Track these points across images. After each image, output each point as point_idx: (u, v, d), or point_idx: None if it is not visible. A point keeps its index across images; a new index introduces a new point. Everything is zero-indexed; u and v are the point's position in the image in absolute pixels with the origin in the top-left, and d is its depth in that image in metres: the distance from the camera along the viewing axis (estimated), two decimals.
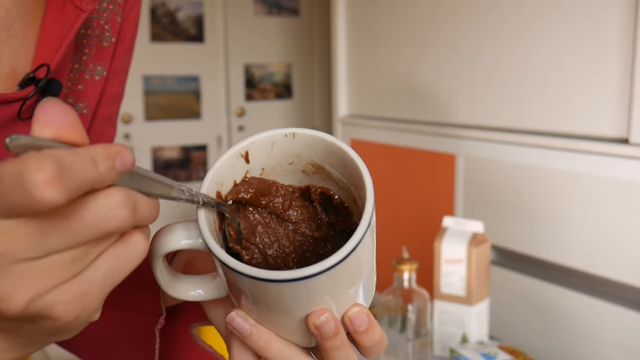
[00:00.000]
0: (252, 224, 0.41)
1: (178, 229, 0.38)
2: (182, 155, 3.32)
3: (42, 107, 0.27)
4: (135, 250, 0.31)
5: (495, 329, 1.36)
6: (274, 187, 0.42)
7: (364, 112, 1.87)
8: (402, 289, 1.10)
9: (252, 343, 0.38)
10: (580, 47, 1.21)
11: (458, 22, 1.49)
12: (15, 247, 0.27)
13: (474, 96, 1.47)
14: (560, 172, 1.25)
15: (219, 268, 0.37)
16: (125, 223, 0.29)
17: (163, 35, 3.21)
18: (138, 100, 3.16)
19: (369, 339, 0.38)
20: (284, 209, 0.42)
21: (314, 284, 0.34)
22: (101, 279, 0.30)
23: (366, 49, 1.83)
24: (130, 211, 0.29)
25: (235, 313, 0.38)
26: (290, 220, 0.42)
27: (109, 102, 0.59)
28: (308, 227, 0.43)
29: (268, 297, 0.35)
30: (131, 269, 0.32)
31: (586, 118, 1.22)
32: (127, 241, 0.31)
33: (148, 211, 0.31)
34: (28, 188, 0.24)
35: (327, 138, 0.39)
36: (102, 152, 0.27)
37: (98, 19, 0.54)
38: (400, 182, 1.69)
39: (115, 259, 0.31)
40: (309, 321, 0.36)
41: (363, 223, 0.35)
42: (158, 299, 0.50)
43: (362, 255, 0.36)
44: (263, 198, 0.41)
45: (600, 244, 1.19)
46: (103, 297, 0.31)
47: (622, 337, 1.16)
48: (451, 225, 1.17)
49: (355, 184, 0.39)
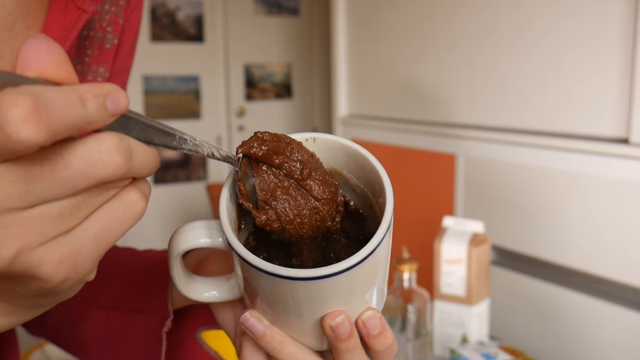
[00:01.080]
0: (269, 185, 0.39)
1: (199, 226, 0.38)
2: (182, 156, 3.32)
3: (27, 43, 0.25)
4: (131, 210, 0.29)
5: (495, 329, 1.36)
6: (288, 148, 0.39)
7: (364, 112, 1.87)
8: (402, 289, 1.10)
9: (265, 344, 0.38)
10: (581, 47, 1.21)
11: (458, 22, 1.49)
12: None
13: (474, 96, 1.47)
14: (560, 172, 1.25)
15: (237, 266, 0.37)
16: (118, 171, 0.27)
17: (163, 35, 3.21)
18: (138, 100, 3.16)
19: (381, 343, 0.38)
20: (303, 177, 0.40)
21: (331, 284, 0.34)
22: (93, 239, 0.28)
23: (366, 49, 1.83)
24: (124, 157, 0.27)
25: (250, 313, 0.38)
26: (312, 193, 0.40)
27: None
28: (328, 211, 0.40)
29: (285, 295, 0.35)
30: (126, 230, 0.29)
31: (586, 118, 1.22)
32: (123, 199, 0.29)
33: (145, 160, 0.28)
34: (2, 126, 0.22)
35: (347, 143, 0.40)
36: (92, 90, 0.25)
37: (100, 21, 0.54)
38: (400, 182, 1.69)
39: (109, 218, 0.28)
40: (325, 322, 0.36)
41: (383, 226, 0.35)
42: (165, 301, 0.50)
43: (379, 259, 0.36)
44: (277, 157, 0.39)
45: (600, 244, 1.19)
46: (96, 259, 0.29)
47: (622, 337, 1.16)
48: (451, 225, 1.17)
49: (373, 189, 0.39)
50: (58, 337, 0.59)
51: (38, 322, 0.59)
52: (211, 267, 0.47)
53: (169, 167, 3.31)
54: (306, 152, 0.40)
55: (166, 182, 3.31)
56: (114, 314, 0.53)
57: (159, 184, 3.29)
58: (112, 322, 0.53)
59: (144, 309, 0.52)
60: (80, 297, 0.56)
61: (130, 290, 0.54)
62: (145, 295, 0.52)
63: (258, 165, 0.39)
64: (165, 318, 0.50)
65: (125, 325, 0.53)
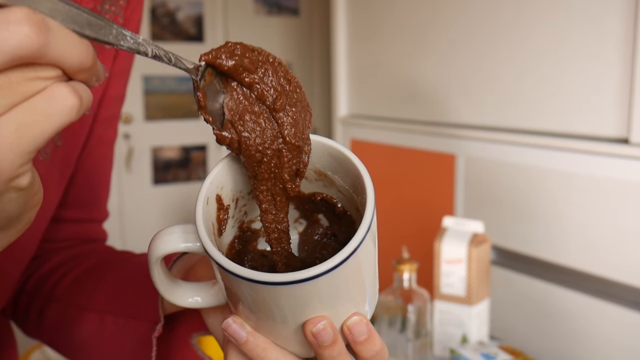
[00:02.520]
0: (238, 106, 0.36)
1: (176, 231, 0.38)
2: (182, 155, 3.32)
3: None
4: (59, 105, 0.26)
5: (496, 329, 1.36)
6: (262, 69, 0.35)
7: (364, 112, 1.87)
8: (402, 289, 1.10)
9: (248, 351, 0.37)
10: (581, 47, 1.21)
11: (458, 22, 1.49)
12: None
13: (473, 96, 1.47)
14: (560, 172, 1.25)
15: (216, 272, 0.36)
16: (28, 43, 0.24)
17: (163, 35, 3.21)
18: (138, 100, 3.16)
19: (368, 349, 0.37)
20: (276, 107, 0.36)
21: (311, 288, 0.33)
22: (15, 131, 0.25)
23: (366, 49, 1.83)
24: (34, 29, 0.24)
25: (232, 319, 0.37)
26: (281, 130, 0.36)
27: (110, 104, 0.59)
28: (289, 160, 0.37)
29: (265, 301, 0.34)
30: (55, 127, 0.27)
31: (586, 118, 1.22)
32: (49, 94, 0.26)
33: (67, 44, 0.26)
34: None
35: (328, 143, 0.38)
36: None
37: None
38: (400, 182, 1.69)
39: (33, 109, 0.26)
40: (306, 328, 0.35)
41: (363, 226, 0.33)
42: (156, 305, 0.49)
43: (362, 261, 0.35)
44: (247, 75, 0.35)
45: (600, 244, 1.19)
46: (20, 158, 0.26)
47: (622, 337, 1.16)
48: (451, 225, 1.17)
49: (356, 190, 0.38)
50: (53, 339, 0.59)
51: (35, 324, 0.59)
52: (202, 272, 0.46)
53: (169, 167, 3.31)
54: (287, 80, 0.37)
55: (166, 182, 3.31)
56: (107, 318, 0.53)
57: (159, 184, 3.29)
58: (105, 326, 0.53)
59: (136, 314, 0.51)
60: (75, 301, 0.56)
61: (123, 295, 0.53)
62: (137, 300, 0.52)
63: (228, 81, 0.36)
64: (156, 323, 0.49)
65: (118, 329, 0.52)
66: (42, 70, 0.26)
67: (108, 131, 0.61)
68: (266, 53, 0.36)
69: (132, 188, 3.19)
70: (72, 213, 0.61)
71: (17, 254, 0.54)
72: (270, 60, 0.36)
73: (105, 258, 0.60)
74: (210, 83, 0.35)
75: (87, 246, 0.63)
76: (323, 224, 0.43)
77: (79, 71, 0.27)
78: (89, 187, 0.62)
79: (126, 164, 3.17)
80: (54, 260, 0.61)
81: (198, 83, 0.34)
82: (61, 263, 0.60)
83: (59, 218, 0.60)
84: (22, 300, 0.60)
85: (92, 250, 0.62)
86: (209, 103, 0.35)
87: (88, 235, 0.64)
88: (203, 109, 0.34)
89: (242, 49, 0.35)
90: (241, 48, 0.35)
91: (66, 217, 0.61)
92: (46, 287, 0.59)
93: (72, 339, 0.55)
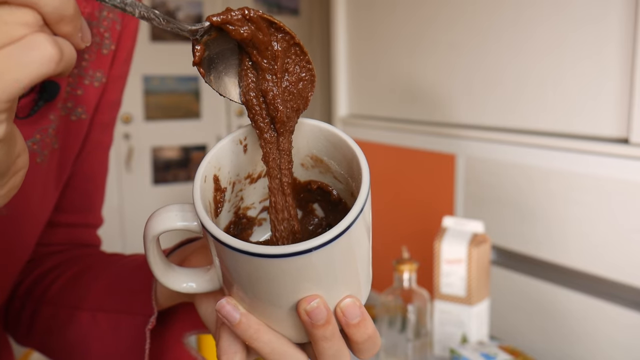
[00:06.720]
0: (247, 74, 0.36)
1: (173, 209, 0.38)
2: (182, 155, 3.32)
3: None
4: (34, 52, 0.26)
5: (495, 329, 1.36)
6: (271, 48, 0.35)
7: (364, 112, 1.87)
8: (402, 289, 1.10)
9: (241, 332, 0.37)
10: (581, 47, 1.21)
11: (458, 22, 1.49)
12: None
13: (473, 96, 1.47)
14: (560, 172, 1.25)
15: (212, 249, 0.36)
16: None
17: (163, 35, 3.21)
18: (138, 100, 3.16)
19: (361, 333, 0.37)
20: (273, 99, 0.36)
21: (305, 263, 0.33)
22: None
23: (366, 49, 1.83)
24: None
25: (226, 300, 0.37)
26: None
27: (107, 109, 0.59)
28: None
29: (259, 277, 0.34)
30: (31, 77, 0.26)
31: (586, 118, 1.22)
32: (27, 41, 0.26)
33: None
34: None
35: (325, 127, 0.39)
36: None
37: (98, 27, 0.54)
38: (400, 182, 1.69)
39: (7, 56, 0.25)
40: (300, 307, 0.35)
41: (357, 204, 0.34)
42: (149, 298, 0.49)
43: (355, 240, 0.35)
44: (258, 53, 0.35)
45: (600, 244, 1.19)
46: None
47: (622, 337, 1.16)
48: (451, 225, 1.17)
49: (352, 174, 0.38)
50: (45, 343, 0.59)
51: (27, 328, 0.59)
52: (197, 262, 0.47)
53: (169, 167, 3.32)
54: (295, 50, 0.36)
55: (166, 182, 3.31)
56: (100, 316, 0.53)
57: (159, 184, 3.29)
58: (97, 324, 0.53)
59: (129, 309, 0.51)
60: (67, 301, 0.56)
61: (116, 292, 0.53)
62: (129, 295, 0.52)
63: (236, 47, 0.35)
64: (150, 316, 0.49)
65: (111, 327, 0.52)
66: (20, 12, 0.25)
67: (104, 136, 0.61)
68: (286, 31, 0.35)
69: (132, 188, 3.19)
70: (67, 217, 0.61)
71: (17, 254, 0.54)
72: (285, 45, 0.35)
73: (98, 259, 0.60)
74: (217, 37, 0.34)
75: (80, 250, 0.63)
76: (318, 215, 0.44)
77: (59, 20, 0.26)
78: (84, 192, 0.62)
79: (126, 164, 3.17)
80: (47, 264, 0.61)
81: (198, 40, 0.34)
82: (54, 267, 0.60)
83: (53, 222, 0.60)
84: (14, 305, 0.60)
85: (85, 254, 0.62)
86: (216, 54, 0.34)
87: (82, 240, 0.64)
88: (197, 63, 0.34)
89: (257, 19, 0.33)
90: (258, 18, 0.33)
91: (60, 222, 0.61)
92: (38, 291, 0.59)
93: (65, 340, 0.55)
